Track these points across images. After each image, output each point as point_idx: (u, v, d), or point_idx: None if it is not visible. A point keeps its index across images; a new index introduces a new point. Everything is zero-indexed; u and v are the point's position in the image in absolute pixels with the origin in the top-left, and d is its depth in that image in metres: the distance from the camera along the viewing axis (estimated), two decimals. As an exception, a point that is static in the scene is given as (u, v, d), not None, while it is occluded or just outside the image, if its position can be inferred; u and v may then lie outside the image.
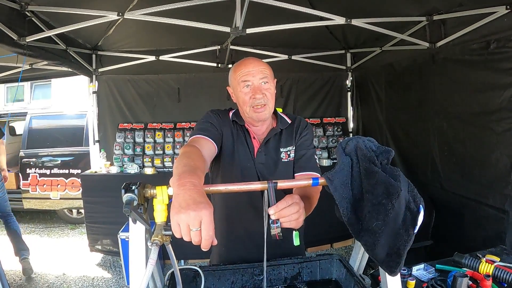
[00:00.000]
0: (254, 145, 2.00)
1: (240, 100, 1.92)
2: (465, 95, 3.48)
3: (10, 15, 3.31)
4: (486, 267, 1.92)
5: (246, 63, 1.93)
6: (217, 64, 5.52)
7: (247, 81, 1.87)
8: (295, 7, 3.31)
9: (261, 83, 1.88)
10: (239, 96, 1.92)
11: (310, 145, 2.04)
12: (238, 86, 1.90)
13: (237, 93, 1.94)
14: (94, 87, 5.55)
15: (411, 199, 1.17)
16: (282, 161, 1.98)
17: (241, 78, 1.89)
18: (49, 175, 6.84)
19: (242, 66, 1.92)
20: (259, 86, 1.87)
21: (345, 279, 1.59)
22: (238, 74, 1.90)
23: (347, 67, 5.96)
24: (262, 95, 1.86)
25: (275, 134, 1.99)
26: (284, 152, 1.99)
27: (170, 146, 5.55)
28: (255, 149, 1.99)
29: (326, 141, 5.86)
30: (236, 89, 1.93)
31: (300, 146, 2.01)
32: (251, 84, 1.87)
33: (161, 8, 3.28)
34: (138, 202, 1.11)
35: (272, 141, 2.00)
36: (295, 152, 2.02)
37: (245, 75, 1.88)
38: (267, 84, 1.89)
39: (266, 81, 1.89)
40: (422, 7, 3.68)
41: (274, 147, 1.99)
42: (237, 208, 2.02)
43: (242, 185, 1.28)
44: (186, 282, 1.53)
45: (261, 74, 1.88)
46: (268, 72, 1.92)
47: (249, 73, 1.87)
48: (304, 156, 2.00)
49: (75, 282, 4.79)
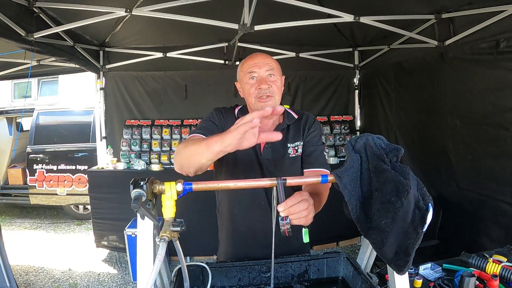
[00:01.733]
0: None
1: (246, 92, 1.94)
2: (477, 93, 3.44)
3: (18, 11, 3.33)
4: (493, 267, 1.90)
5: (253, 57, 1.96)
6: (225, 61, 5.52)
7: (253, 72, 1.89)
8: (303, 4, 3.30)
9: (267, 75, 1.89)
10: (245, 88, 1.93)
11: (319, 141, 2.04)
12: (245, 78, 1.92)
13: (243, 86, 1.96)
14: (101, 84, 5.57)
15: (420, 197, 1.15)
16: (289, 156, 1.98)
17: (248, 69, 1.91)
18: (56, 171, 6.90)
19: (249, 59, 1.95)
20: (264, 77, 1.88)
21: (352, 277, 1.59)
22: (245, 67, 1.93)
23: (354, 65, 5.94)
24: (267, 86, 1.86)
25: (282, 129, 1.96)
26: (292, 148, 1.98)
27: (177, 142, 5.55)
28: (262, 144, 1.97)
29: (333, 139, 5.85)
30: (243, 80, 1.95)
31: (309, 143, 2.00)
32: (257, 75, 1.89)
33: (169, 4, 3.28)
34: (147, 198, 1.12)
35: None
36: (303, 148, 2.01)
37: (251, 67, 1.90)
38: (273, 76, 1.91)
39: (272, 73, 1.91)
40: (430, 5, 3.65)
41: (281, 142, 1.96)
42: (241, 207, 2.02)
43: (251, 182, 1.27)
44: (193, 278, 1.53)
45: (267, 66, 1.90)
46: (274, 65, 1.93)
47: (255, 65, 1.90)
48: (313, 153, 1.99)
49: (81, 277, 4.82)
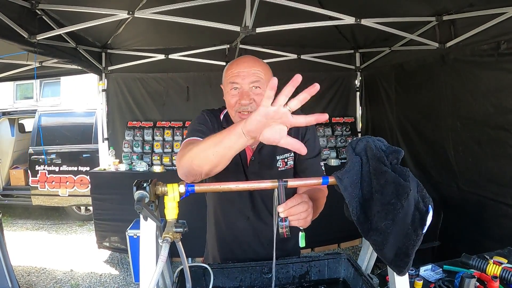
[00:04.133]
0: (247, 153, 1.84)
1: (227, 101, 1.76)
2: (478, 95, 3.45)
3: (21, 13, 3.34)
4: (494, 269, 1.91)
5: (238, 62, 1.75)
6: (226, 63, 5.39)
7: (236, 83, 1.69)
8: (305, 7, 3.31)
9: (251, 87, 1.68)
10: (227, 97, 1.75)
11: (314, 149, 1.87)
12: (227, 87, 1.74)
13: (225, 94, 1.78)
14: (103, 85, 5.58)
15: (420, 199, 1.16)
16: (278, 170, 1.83)
17: (230, 79, 1.71)
18: (58, 172, 6.92)
19: (234, 65, 1.74)
20: (247, 91, 1.68)
21: (353, 278, 1.59)
22: (228, 74, 1.74)
23: (356, 67, 5.94)
24: (249, 101, 1.66)
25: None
26: (281, 160, 1.83)
27: (179, 144, 5.53)
28: (248, 157, 1.83)
29: (334, 141, 5.84)
30: (225, 88, 1.77)
31: (304, 155, 1.77)
32: (240, 87, 1.69)
33: (171, 6, 3.30)
34: (150, 199, 1.12)
35: (267, 147, 1.80)
36: (298, 161, 1.87)
37: (234, 76, 1.70)
38: (258, 89, 1.69)
39: (258, 85, 1.69)
40: (431, 7, 3.66)
41: (269, 155, 1.83)
42: (228, 216, 1.95)
43: (252, 184, 1.28)
44: (195, 279, 1.54)
45: (253, 77, 1.68)
46: (262, 75, 1.71)
47: (239, 75, 1.69)
48: (311, 166, 1.85)
49: (82, 278, 4.83)
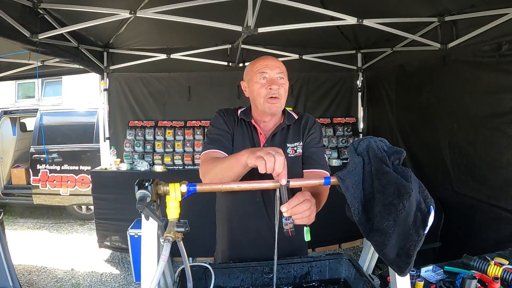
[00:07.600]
0: (261, 140, 2.03)
1: (255, 91, 1.98)
2: (476, 96, 3.45)
3: (23, 12, 3.35)
4: (495, 270, 1.91)
5: (265, 58, 2.02)
6: (228, 62, 5.53)
7: (265, 73, 1.95)
8: (307, 7, 3.31)
9: (277, 77, 1.96)
10: (254, 87, 1.98)
11: (319, 142, 2.07)
12: (255, 77, 1.97)
13: (252, 85, 2.00)
14: (105, 85, 5.58)
15: (421, 199, 1.16)
16: (288, 156, 1.98)
17: (259, 69, 1.96)
18: (59, 171, 6.92)
19: (261, 60, 2.01)
20: (275, 78, 1.95)
21: (354, 279, 1.60)
22: (257, 66, 1.98)
23: (357, 67, 5.94)
24: (277, 87, 1.93)
25: (282, 129, 2.02)
26: (291, 148, 2.01)
27: (180, 144, 5.55)
28: (261, 144, 2.01)
29: (336, 141, 5.83)
30: (252, 80, 1.99)
31: (309, 144, 2.03)
32: (268, 76, 1.95)
33: (173, 6, 3.30)
34: (151, 199, 1.13)
35: (278, 135, 2.04)
36: (303, 149, 2.04)
37: (263, 67, 1.96)
38: (282, 79, 1.97)
39: (282, 76, 1.98)
40: (433, 8, 3.65)
41: (280, 142, 2.01)
42: (238, 206, 2.06)
43: (254, 184, 1.29)
44: (196, 279, 1.54)
45: (278, 69, 1.97)
46: (284, 69, 2.01)
47: (267, 66, 1.96)
48: (313, 154, 2.01)
49: (83, 277, 4.83)
